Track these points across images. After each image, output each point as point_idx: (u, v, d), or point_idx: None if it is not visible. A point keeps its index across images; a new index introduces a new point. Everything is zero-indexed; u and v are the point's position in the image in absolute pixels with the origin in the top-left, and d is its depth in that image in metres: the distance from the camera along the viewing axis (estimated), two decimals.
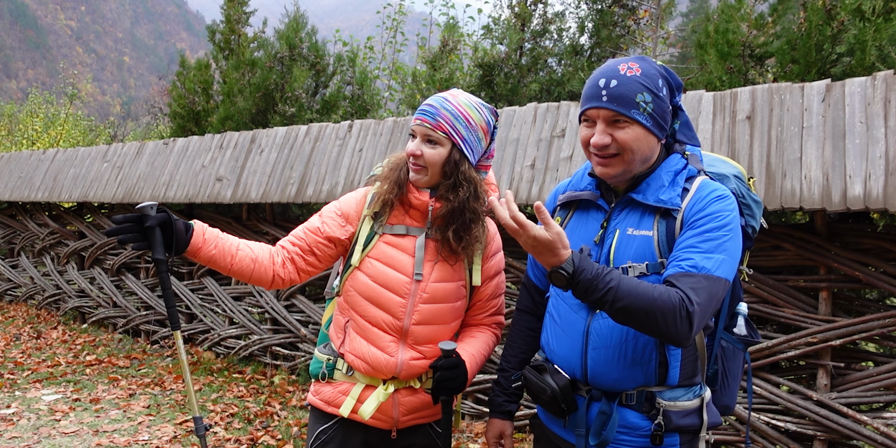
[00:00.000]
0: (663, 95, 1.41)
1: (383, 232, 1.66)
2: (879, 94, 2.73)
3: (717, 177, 1.51)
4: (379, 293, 1.63)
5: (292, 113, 6.15)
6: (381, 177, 1.69)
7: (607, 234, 1.45)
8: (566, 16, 5.76)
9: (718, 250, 1.32)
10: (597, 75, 1.43)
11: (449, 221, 1.62)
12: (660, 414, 1.39)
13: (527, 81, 5.25)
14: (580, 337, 1.45)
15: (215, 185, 5.24)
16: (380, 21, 8.03)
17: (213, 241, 1.57)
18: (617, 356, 1.40)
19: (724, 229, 1.34)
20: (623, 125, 1.38)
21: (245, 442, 3.78)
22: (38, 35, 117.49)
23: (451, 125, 1.59)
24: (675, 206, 1.39)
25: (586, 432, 1.44)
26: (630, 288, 1.25)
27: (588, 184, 1.55)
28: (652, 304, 1.24)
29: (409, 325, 1.62)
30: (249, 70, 6.56)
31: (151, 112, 13.86)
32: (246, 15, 7.34)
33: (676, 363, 1.39)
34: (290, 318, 5.01)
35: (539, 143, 3.67)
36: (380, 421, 1.66)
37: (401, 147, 4.26)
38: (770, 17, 4.13)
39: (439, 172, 1.62)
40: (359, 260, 1.65)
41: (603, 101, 1.39)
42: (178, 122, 7.28)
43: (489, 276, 1.72)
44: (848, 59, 3.78)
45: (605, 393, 1.43)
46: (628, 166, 1.41)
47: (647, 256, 1.39)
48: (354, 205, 1.72)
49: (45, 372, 5.27)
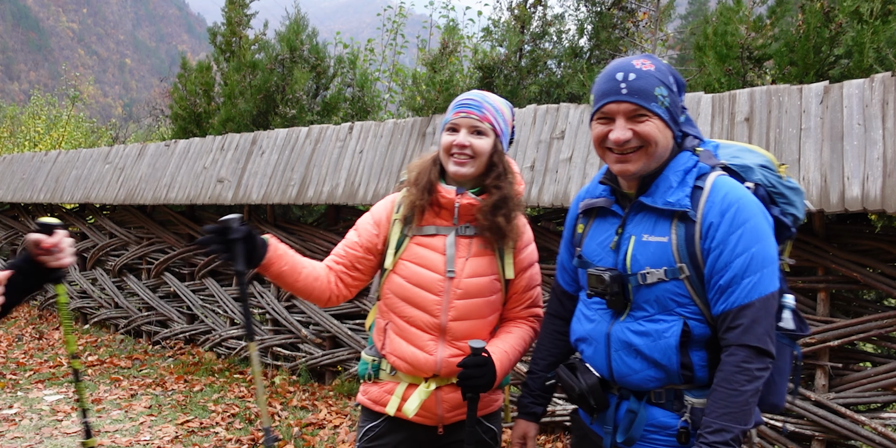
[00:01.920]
0: (675, 91, 1.41)
1: (413, 234, 1.70)
2: (877, 96, 2.74)
3: (740, 169, 1.46)
4: (414, 293, 1.67)
5: (293, 115, 6.17)
6: (409, 182, 1.74)
7: (622, 240, 1.44)
8: (565, 18, 5.78)
9: (757, 267, 1.30)
10: (611, 71, 1.40)
11: (498, 207, 1.65)
12: (687, 411, 1.38)
13: (526, 83, 5.27)
14: (604, 339, 1.46)
15: (216, 187, 5.26)
16: (380, 23, 8.05)
17: (285, 258, 1.64)
18: (637, 358, 1.40)
19: (753, 239, 1.31)
20: (643, 119, 1.36)
21: (246, 442, 3.80)
22: (40, 37, 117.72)
23: (493, 117, 1.67)
24: (685, 208, 1.35)
25: (614, 430, 1.45)
26: (733, 414, 1.26)
27: (602, 191, 1.54)
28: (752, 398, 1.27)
29: (447, 322, 1.66)
30: (250, 72, 6.59)
31: (153, 114, 13.90)
32: (247, 17, 7.37)
33: (703, 364, 1.38)
34: (291, 318, 5.03)
35: (538, 144, 3.69)
36: (425, 418, 1.70)
37: (401, 148, 4.28)
38: (768, 20, 4.15)
39: (486, 162, 1.67)
40: (392, 263, 1.70)
41: (623, 94, 1.36)
42: (180, 123, 7.30)
43: (522, 268, 1.74)
44: (846, 62, 3.79)
45: (633, 392, 1.44)
46: (649, 160, 1.39)
47: (665, 262, 1.37)
48: (384, 211, 1.78)
49: (47, 372, 5.29)
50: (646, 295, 1.40)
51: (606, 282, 1.42)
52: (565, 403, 3.64)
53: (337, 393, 4.61)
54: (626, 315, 1.44)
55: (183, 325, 5.95)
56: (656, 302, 1.39)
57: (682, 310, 1.38)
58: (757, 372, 1.27)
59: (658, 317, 1.39)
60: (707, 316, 1.37)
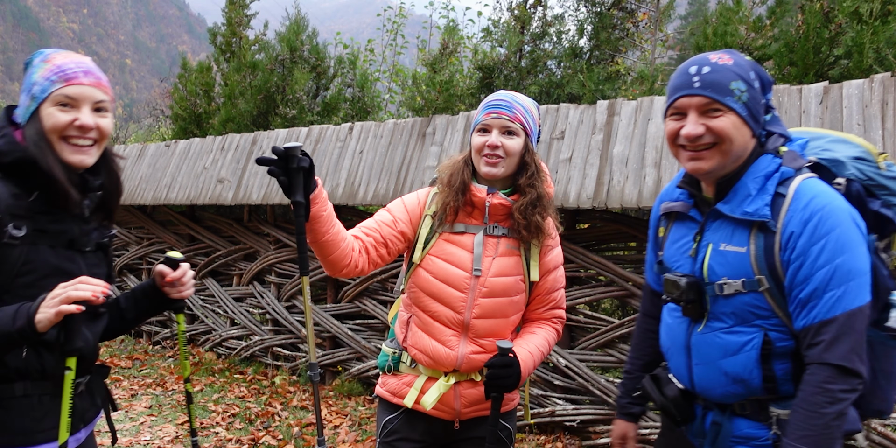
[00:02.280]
0: (756, 87, 1.32)
1: (443, 230, 1.72)
2: (877, 96, 2.75)
3: (830, 164, 1.36)
4: (440, 289, 1.69)
5: (293, 115, 6.18)
6: (443, 182, 1.74)
7: (700, 247, 1.39)
8: (565, 18, 5.79)
9: (841, 280, 1.22)
10: (686, 65, 1.34)
11: (535, 205, 1.67)
12: (774, 423, 1.32)
13: (526, 84, 5.28)
14: (684, 351, 1.43)
15: (217, 187, 5.26)
16: (380, 24, 8.06)
17: (327, 204, 1.57)
18: (718, 373, 1.35)
19: (838, 250, 1.22)
20: (717, 114, 1.29)
21: (246, 442, 3.80)
22: (40, 38, 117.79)
23: (523, 117, 1.68)
24: (765, 218, 1.27)
25: (702, 442, 1.42)
26: (812, 438, 1.19)
27: (679, 194, 1.48)
28: (835, 421, 1.20)
29: (470, 319, 1.68)
30: (251, 72, 6.59)
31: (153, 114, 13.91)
32: (247, 18, 7.38)
33: (788, 378, 1.32)
34: (291, 318, 5.03)
35: (538, 145, 3.69)
36: (442, 412, 1.72)
37: (401, 149, 4.28)
38: (768, 20, 4.15)
39: (517, 162, 1.69)
40: (420, 257, 1.73)
41: (695, 87, 1.30)
42: (180, 124, 7.31)
43: (548, 269, 1.75)
44: (846, 62, 3.80)
45: (716, 404, 1.40)
46: (724, 158, 1.31)
47: (743, 273, 1.31)
48: (417, 204, 1.78)
49: None
50: (723, 306, 1.34)
51: (682, 288, 1.37)
52: (565, 403, 3.65)
53: (337, 393, 4.61)
54: (703, 325, 1.39)
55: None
56: (734, 314, 1.33)
57: (762, 322, 1.31)
58: (840, 393, 1.19)
59: (737, 329, 1.33)
60: (790, 327, 1.31)
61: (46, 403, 1.36)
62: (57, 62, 1.35)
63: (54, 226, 1.34)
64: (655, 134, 3.32)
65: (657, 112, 3.37)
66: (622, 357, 3.56)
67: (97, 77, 1.38)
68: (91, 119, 1.35)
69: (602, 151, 3.42)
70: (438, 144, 4.13)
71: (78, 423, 1.43)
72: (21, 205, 1.30)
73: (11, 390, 1.32)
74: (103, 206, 1.47)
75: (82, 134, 1.34)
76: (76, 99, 1.34)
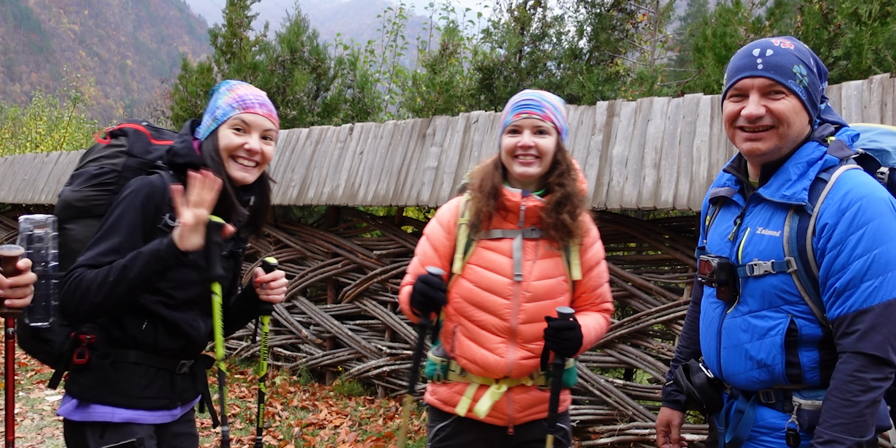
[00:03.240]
0: (815, 73, 1.34)
1: (479, 238, 1.71)
2: (876, 96, 2.76)
3: (876, 153, 1.38)
4: (484, 297, 1.68)
5: (293, 116, 6.20)
6: (474, 187, 1.73)
7: (740, 231, 1.41)
8: (565, 19, 5.81)
9: (879, 270, 1.22)
10: (748, 48, 1.36)
11: (562, 204, 1.66)
12: (794, 413, 1.32)
13: (526, 84, 5.29)
14: (715, 335, 1.44)
15: None
16: (380, 25, 8.07)
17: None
18: (743, 357, 1.37)
19: (877, 240, 1.23)
20: (779, 96, 1.30)
21: (247, 442, 3.81)
22: (41, 39, 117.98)
23: (553, 115, 1.68)
24: (801, 202, 1.29)
25: (726, 429, 1.43)
26: (845, 426, 1.20)
27: (727, 180, 1.50)
28: (868, 409, 1.21)
29: (517, 325, 1.67)
30: (251, 73, 6.61)
31: (154, 115, 13.94)
32: (248, 19, 7.39)
33: (814, 366, 1.31)
34: (292, 319, 5.04)
35: None
36: (496, 418, 1.71)
37: (401, 150, 4.30)
38: (767, 21, 4.17)
39: (551, 161, 1.68)
40: (460, 267, 1.71)
41: (759, 69, 1.31)
42: (181, 125, 7.32)
43: (589, 267, 1.74)
44: (844, 63, 3.81)
45: (742, 391, 1.41)
46: (781, 141, 1.32)
47: (774, 254, 1.32)
48: (450, 216, 1.77)
49: (49, 373, 5.31)
50: (753, 288, 1.36)
51: (714, 268, 1.39)
52: None
53: (337, 393, 4.62)
54: (733, 308, 1.40)
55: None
56: (762, 297, 1.34)
57: (789, 307, 1.32)
58: (873, 382, 1.20)
59: (764, 313, 1.34)
60: (818, 316, 1.31)
61: (152, 374, 1.54)
62: (239, 93, 1.59)
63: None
64: (655, 135, 3.33)
65: (657, 113, 3.38)
66: (622, 357, 3.56)
67: (269, 109, 1.62)
68: (258, 144, 1.57)
69: (601, 152, 3.43)
70: (438, 145, 4.14)
71: (176, 399, 1.59)
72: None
73: (126, 355, 1.51)
74: (253, 222, 1.68)
75: (249, 156, 1.57)
76: (250, 125, 1.57)
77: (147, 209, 1.47)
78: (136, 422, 1.50)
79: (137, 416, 1.50)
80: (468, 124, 4.08)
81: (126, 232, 1.45)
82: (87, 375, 1.49)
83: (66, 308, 1.41)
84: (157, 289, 1.48)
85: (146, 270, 1.39)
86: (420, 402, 4.14)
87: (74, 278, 1.39)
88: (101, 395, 1.48)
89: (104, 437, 1.47)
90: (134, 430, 1.49)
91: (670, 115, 3.34)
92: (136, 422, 1.50)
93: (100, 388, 1.48)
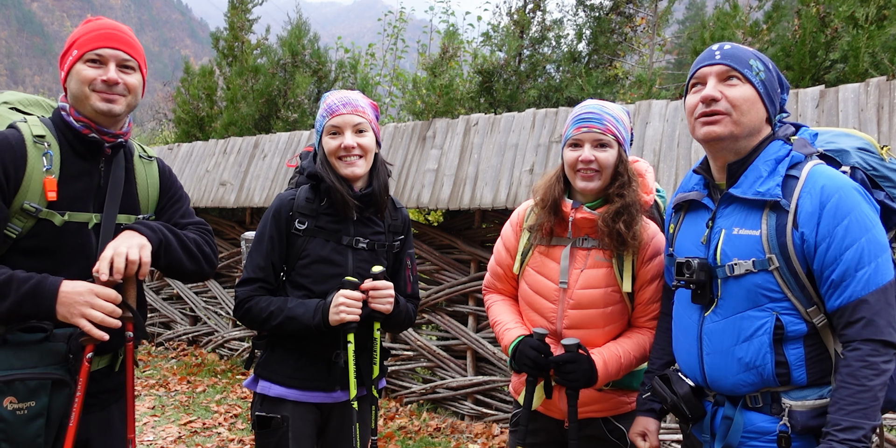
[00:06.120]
0: (773, 75, 1.39)
1: (537, 243, 1.77)
2: (872, 99, 2.78)
3: (835, 154, 1.40)
4: (535, 299, 1.76)
5: (295, 118, 6.23)
6: (537, 202, 1.77)
7: (713, 233, 1.41)
8: (564, 23, 5.83)
9: (870, 257, 1.25)
10: (710, 46, 1.45)
11: (619, 214, 1.65)
12: (785, 415, 1.31)
13: (525, 88, 5.32)
14: (695, 341, 1.43)
15: (219, 190, 5.31)
16: (381, 28, 8.11)
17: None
18: (730, 361, 1.36)
19: (861, 229, 1.25)
20: (735, 83, 1.36)
21: (248, 442, 3.83)
22: (44, 42, 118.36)
23: (615, 127, 1.67)
24: (776, 197, 1.31)
25: (712, 438, 1.42)
26: (863, 411, 1.21)
27: (695, 184, 1.51)
28: (880, 392, 1.23)
29: (561, 329, 1.72)
30: (253, 76, 6.65)
31: (156, 118, 13.98)
32: (249, 22, 7.44)
33: (800, 363, 1.31)
34: None
35: (538, 148, 3.73)
36: (551, 411, 1.78)
37: (401, 152, 4.32)
38: (765, 25, 4.20)
39: (612, 174, 1.68)
40: (519, 269, 1.81)
41: (716, 58, 1.38)
42: (183, 127, 7.37)
43: (646, 280, 1.71)
44: (841, 66, 3.84)
45: (728, 397, 1.40)
46: (737, 128, 1.35)
47: (754, 253, 1.33)
48: (518, 219, 1.87)
49: None
50: (734, 289, 1.36)
51: (693, 267, 1.39)
52: None
53: None
54: (711, 311, 1.40)
55: (186, 327, 6.00)
56: (745, 297, 1.34)
57: (773, 305, 1.32)
58: (883, 365, 1.23)
59: (749, 313, 1.34)
60: (802, 311, 1.32)
61: (302, 362, 1.78)
62: (328, 102, 1.83)
63: (332, 225, 1.79)
64: (653, 137, 3.35)
65: (655, 116, 3.40)
66: None
67: (354, 105, 1.79)
68: (352, 140, 1.76)
69: None
70: (438, 148, 4.17)
71: (334, 383, 1.79)
72: (310, 207, 1.79)
73: (282, 342, 1.80)
74: (373, 203, 1.83)
75: (348, 153, 1.77)
76: (339, 127, 1.78)
77: (279, 221, 1.78)
78: (288, 398, 1.74)
79: (289, 394, 1.75)
80: (468, 127, 4.11)
81: (266, 246, 1.78)
82: (259, 357, 1.85)
83: (241, 322, 1.83)
84: (300, 284, 1.77)
85: (294, 327, 1.70)
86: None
87: (244, 308, 1.77)
88: (264, 373, 1.79)
89: (262, 405, 1.76)
90: (285, 406, 1.74)
91: (668, 118, 3.37)
92: (288, 398, 1.74)
93: (264, 368, 1.80)
